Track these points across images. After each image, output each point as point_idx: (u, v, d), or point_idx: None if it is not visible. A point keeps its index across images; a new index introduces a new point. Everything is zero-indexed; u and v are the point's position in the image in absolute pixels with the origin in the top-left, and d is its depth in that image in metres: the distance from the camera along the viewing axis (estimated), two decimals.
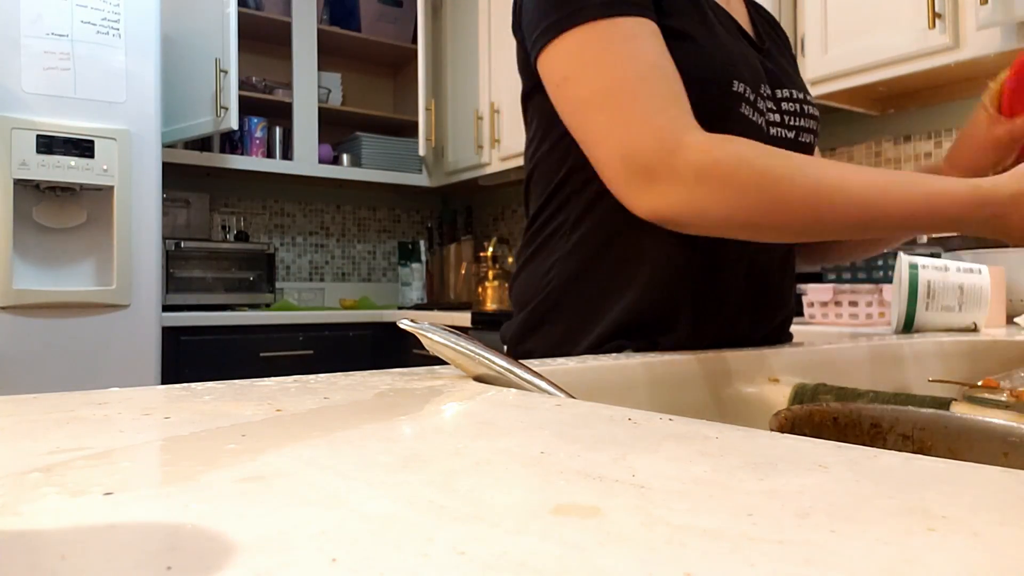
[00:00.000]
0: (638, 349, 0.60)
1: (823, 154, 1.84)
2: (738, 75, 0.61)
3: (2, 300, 1.65)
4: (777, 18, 1.53)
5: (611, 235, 0.64)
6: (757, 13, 0.76)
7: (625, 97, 0.54)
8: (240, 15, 2.19)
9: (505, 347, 0.72)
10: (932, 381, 0.56)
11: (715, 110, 0.59)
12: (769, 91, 0.67)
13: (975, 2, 1.23)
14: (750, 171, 0.51)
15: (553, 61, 0.58)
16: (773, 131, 0.66)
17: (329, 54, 2.74)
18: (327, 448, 0.24)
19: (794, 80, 0.71)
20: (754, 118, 0.64)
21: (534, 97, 0.68)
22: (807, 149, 0.70)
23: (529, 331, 0.69)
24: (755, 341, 0.67)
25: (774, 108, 0.67)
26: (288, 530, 0.16)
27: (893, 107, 1.68)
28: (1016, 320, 1.08)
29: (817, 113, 0.71)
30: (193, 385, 0.37)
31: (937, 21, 1.28)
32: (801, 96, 0.69)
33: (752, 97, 0.63)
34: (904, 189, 0.51)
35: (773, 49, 0.72)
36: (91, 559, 0.15)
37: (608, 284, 0.65)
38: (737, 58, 0.63)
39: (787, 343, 0.72)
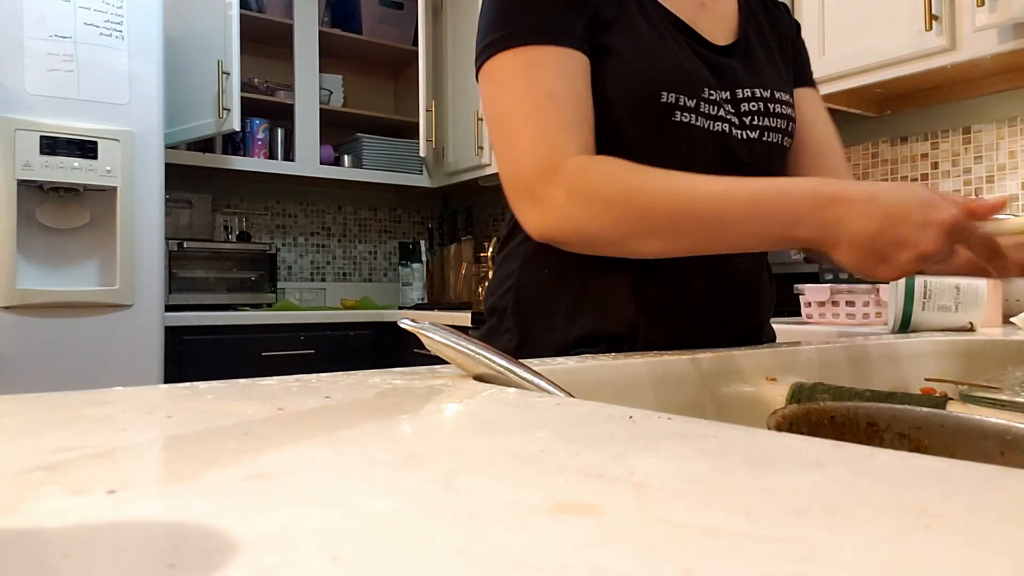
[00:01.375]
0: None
1: None
2: (667, 85, 0.62)
3: (6, 300, 1.65)
4: None
5: (557, 257, 0.64)
6: (759, 1, 0.75)
7: (516, 124, 0.58)
8: (242, 17, 2.19)
9: None
10: (929, 380, 0.56)
11: (645, 123, 0.62)
12: (726, 93, 0.66)
13: (972, 4, 1.23)
14: (614, 186, 0.55)
15: (481, 82, 0.63)
16: (736, 133, 0.66)
17: (330, 56, 2.74)
18: (328, 447, 0.24)
19: (764, 77, 0.69)
20: (699, 123, 0.63)
21: None
22: (776, 150, 0.69)
23: (491, 336, 0.70)
24: (722, 343, 0.66)
25: (732, 110, 0.66)
26: (290, 528, 0.16)
27: (890, 109, 1.68)
28: (1012, 320, 1.08)
29: (788, 111, 0.70)
30: (196, 384, 0.37)
31: (934, 23, 1.28)
32: (767, 94, 0.68)
33: (691, 103, 0.63)
34: (751, 183, 0.52)
35: (755, 44, 0.71)
36: (94, 557, 0.15)
37: (560, 295, 0.66)
38: (665, 67, 0.63)
39: (770, 343, 0.72)
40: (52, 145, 1.69)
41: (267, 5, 2.56)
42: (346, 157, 2.72)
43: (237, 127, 2.13)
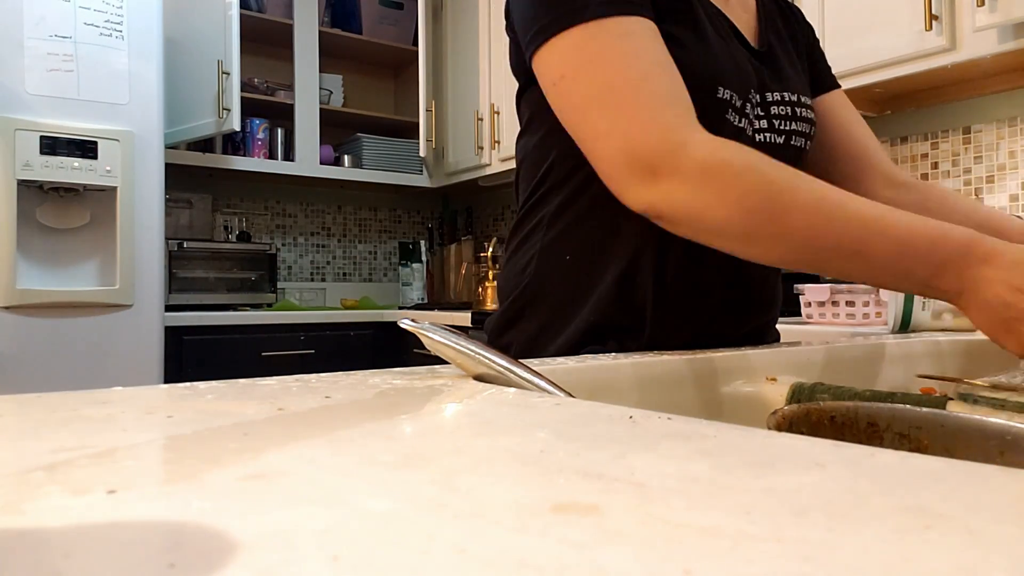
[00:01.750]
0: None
1: None
2: (725, 82, 0.61)
3: (6, 300, 1.65)
4: None
5: (585, 232, 0.64)
6: (774, 4, 0.75)
7: (628, 94, 0.53)
8: (242, 17, 2.19)
9: (487, 339, 0.72)
10: (921, 377, 0.56)
11: (700, 117, 0.59)
12: (758, 96, 0.66)
13: (972, 4, 1.23)
14: (757, 176, 0.50)
15: (550, 60, 0.57)
16: (760, 137, 0.66)
17: (330, 56, 2.74)
18: (328, 447, 0.24)
19: (790, 82, 0.69)
20: (741, 124, 0.63)
21: (526, 93, 0.68)
22: (798, 153, 0.69)
23: (507, 325, 0.69)
24: (733, 341, 0.66)
25: (762, 113, 0.66)
26: (290, 528, 0.16)
27: (890, 108, 1.68)
28: None
29: (811, 115, 0.70)
30: (195, 384, 0.37)
31: (934, 23, 1.28)
32: (794, 99, 0.68)
33: (739, 103, 0.62)
34: (902, 215, 0.49)
35: (777, 48, 0.71)
36: (94, 557, 0.15)
37: (579, 282, 0.65)
38: (725, 64, 0.62)
39: (774, 343, 0.72)
40: (52, 145, 1.69)
41: (267, 5, 2.56)
42: (346, 157, 2.72)
43: (237, 127, 2.13)
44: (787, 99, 0.68)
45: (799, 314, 1.31)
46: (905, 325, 0.95)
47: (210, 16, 2.12)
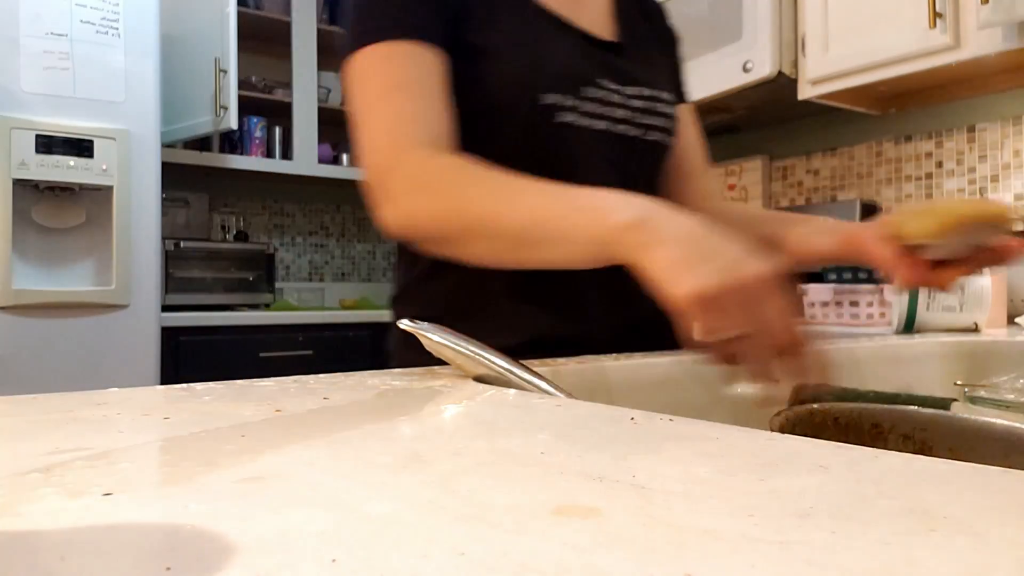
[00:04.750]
0: None
1: (823, 156, 1.85)
2: (546, 86, 0.61)
3: (1, 300, 1.65)
4: (778, 17, 1.54)
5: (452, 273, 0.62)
6: (635, 4, 0.74)
7: (367, 116, 0.58)
8: (240, 15, 2.19)
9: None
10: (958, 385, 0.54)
11: (525, 124, 0.61)
12: (615, 86, 0.65)
13: (976, 2, 1.23)
14: (442, 183, 0.54)
15: (341, 82, 0.63)
16: (619, 128, 0.65)
17: (329, 53, 2.73)
18: (327, 449, 0.23)
19: (649, 77, 0.69)
20: (583, 123, 0.62)
21: None
22: (657, 147, 0.69)
23: (409, 350, 0.68)
24: (606, 343, 0.61)
25: (619, 104, 0.65)
26: (288, 531, 0.16)
27: (894, 107, 1.68)
28: (1017, 320, 1.08)
29: (670, 111, 0.70)
30: (192, 385, 0.37)
31: (938, 21, 1.28)
32: (651, 93, 0.68)
33: (572, 103, 0.62)
34: (568, 193, 0.48)
35: (634, 42, 0.71)
36: (90, 560, 0.14)
37: (479, 302, 0.64)
38: (547, 67, 0.62)
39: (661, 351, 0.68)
40: (48, 144, 1.69)
41: (265, 2, 2.55)
42: (345, 156, 2.71)
43: (234, 125, 2.12)
44: (645, 94, 0.67)
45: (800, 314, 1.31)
46: (909, 326, 0.95)
47: (207, 14, 2.11)
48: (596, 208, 0.45)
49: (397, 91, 0.57)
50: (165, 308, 1.96)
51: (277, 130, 2.54)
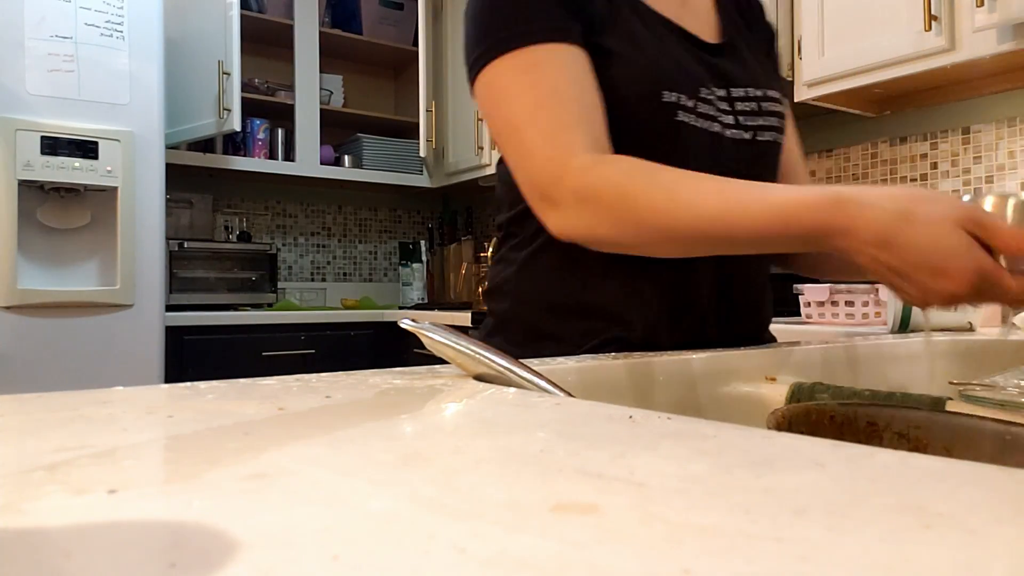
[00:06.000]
0: None
1: (818, 157, 1.85)
2: (669, 85, 0.61)
3: (7, 300, 1.65)
4: (774, 20, 1.53)
5: (559, 254, 0.64)
6: (733, 3, 0.74)
7: (523, 127, 0.57)
8: (243, 17, 2.19)
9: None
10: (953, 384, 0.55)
11: (649, 124, 0.61)
12: (722, 91, 0.65)
13: (971, 4, 1.23)
14: (613, 191, 0.54)
15: (478, 96, 0.62)
16: (729, 133, 0.65)
17: (331, 56, 2.74)
18: (329, 446, 0.24)
19: (756, 77, 0.69)
20: (699, 124, 0.63)
21: None
22: (768, 148, 0.69)
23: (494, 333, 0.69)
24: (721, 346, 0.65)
25: (728, 108, 0.66)
26: (290, 527, 0.16)
27: (890, 109, 1.68)
28: (1011, 320, 1.07)
29: (780, 109, 0.70)
30: (196, 384, 0.37)
31: (933, 23, 1.28)
32: (759, 94, 0.68)
33: (691, 103, 0.62)
34: (761, 194, 0.50)
35: (740, 44, 0.71)
36: (95, 557, 0.15)
37: (559, 301, 0.64)
38: (667, 67, 0.62)
39: (772, 344, 0.71)
40: (53, 145, 1.69)
41: (267, 5, 2.56)
42: (346, 157, 2.71)
43: (237, 127, 2.13)
44: (751, 95, 0.67)
45: (798, 314, 1.31)
46: (904, 325, 0.95)
47: (211, 16, 2.12)
48: (793, 202, 0.48)
49: (554, 97, 0.57)
50: (169, 308, 1.97)
51: (280, 132, 2.55)
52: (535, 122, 0.57)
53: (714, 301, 0.66)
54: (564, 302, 0.65)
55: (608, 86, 0.60)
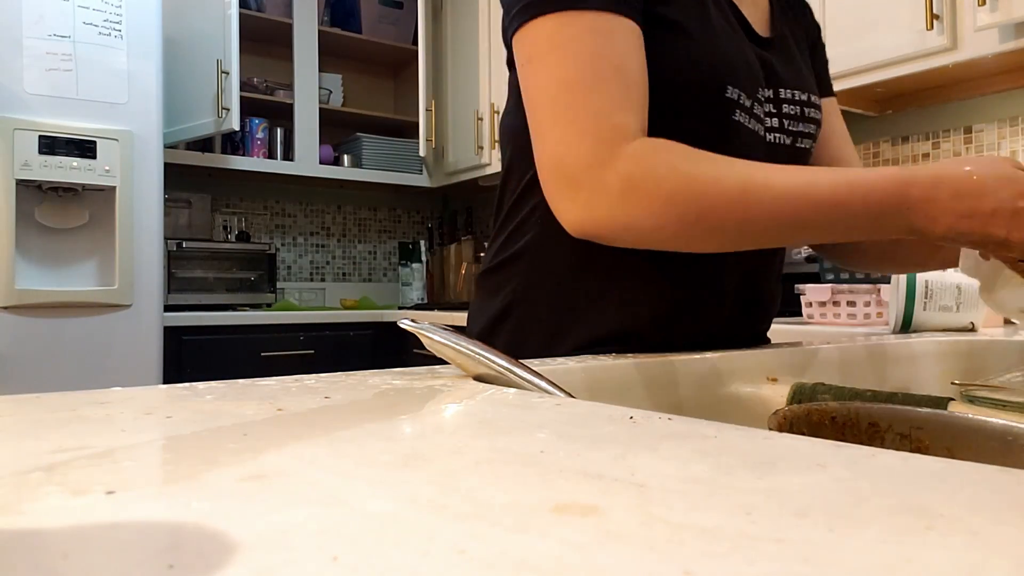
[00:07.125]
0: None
1: None
2: (733, 80, 0.57)
3: (5, 300, 1.65)
4: None
5: (576, 245, 0.59)
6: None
7: (578, 92, 0.51)
8: (241, 16, 2.19)
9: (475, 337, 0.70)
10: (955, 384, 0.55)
11: (701, 116, 0.57)
12: (770, 93, 0.63)
13: (973, 3, 1.23)
14: (679, 177, 0.49)
15: (524, 40, 0.55)
16: (771, 137, 0.63)
17: (330, 55, 2.74)
18: (328, 447, 0.24)
19: (802, 79, 0.66)
20: (751, 125, 0.60)
21: (512, 73, 0.63)
22: (804, 156, 0.66)
23: (496, 325, 0.65)
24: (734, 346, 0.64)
25: (774, 111, 0.63)
26: (289, 528, 0.16)
27: (891, 108, 1.68)
28: (1013, 320, 1.07)
29: (818, 116, 0.67)
30: (194, 384, 0.37)
31: (935, 22, 1.28)
32: (804, 97, 0.65)
33: (748, 103, 0.59)
34: (830, 178, 0.49)
35: (790, 41, 0.68)
36: (93, 558, 0.15)
37: (568, 298, 0.61)
38: (734, 59, 0.58)
39: (772, 344, 0.71)
40: (51, 145, 1.69)
41: (266, 4, 2.56)
42: (346, 157, 2.71)
43: (236, 127, 2.12)
44: (797, 98, 0.65)
45: (800, 314, 1.31)
46: (906, 325, 0.95)
47: (209, 15, 2.11)
48: (867, 179, 0.48)
49: (617, 74, 0.51)
50: (167, 308, 1.96)
51: (279, 131, 2.55)
52: (592, 95, 0.51)
53: (737, 292, 0.64)
54: (571, 302, 0.62)
55: (666, 65, 0.55)
